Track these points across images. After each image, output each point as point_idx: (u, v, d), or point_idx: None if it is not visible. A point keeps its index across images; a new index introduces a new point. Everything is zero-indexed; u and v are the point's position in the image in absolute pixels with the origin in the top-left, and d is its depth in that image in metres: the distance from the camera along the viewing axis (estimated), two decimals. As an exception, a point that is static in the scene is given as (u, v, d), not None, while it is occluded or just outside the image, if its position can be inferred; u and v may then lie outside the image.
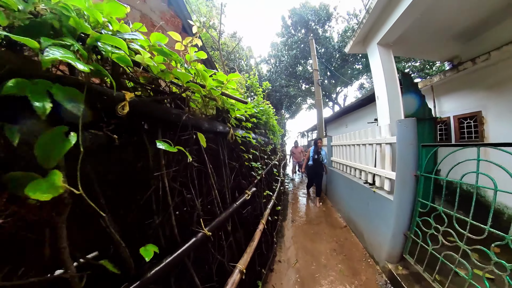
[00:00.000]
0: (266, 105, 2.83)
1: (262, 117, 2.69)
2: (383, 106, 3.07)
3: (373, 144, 2.99)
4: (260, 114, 2.68)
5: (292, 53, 13.31)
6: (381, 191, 2.72)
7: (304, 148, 10.64)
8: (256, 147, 2.62)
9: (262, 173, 2.54)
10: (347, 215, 3.81)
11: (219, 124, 1.50)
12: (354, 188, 3.52)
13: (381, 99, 3.13)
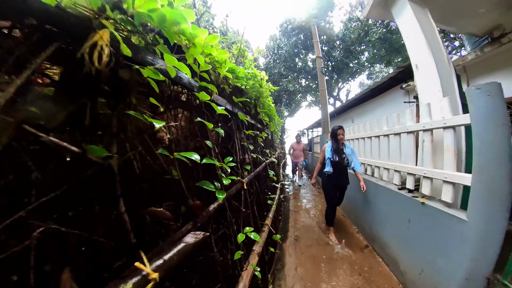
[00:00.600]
0: (257, 72, 1.91)
1: (249, 81, 1.76)
2: (427, 77, 2.12)
3: (414, 132, 2.04)
4: (245, 80, 1.74)
5: (291, 41, 12.34)
6: (436, 203, 1.76)
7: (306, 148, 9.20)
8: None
9: (245, 180, 1.60)
10: (368, 231, 2.85)
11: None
12: (380, 195, 2.56)
13: (422, 69, 2.18)
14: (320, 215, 3.78)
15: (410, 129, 2.04)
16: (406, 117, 2.10)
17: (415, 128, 1.99)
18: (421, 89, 2.16)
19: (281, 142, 10.29)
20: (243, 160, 1.73)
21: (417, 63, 2.20)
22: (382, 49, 10.59)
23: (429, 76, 2.07)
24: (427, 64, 2.11)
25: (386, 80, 5.28)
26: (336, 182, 2.78)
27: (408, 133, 2.08)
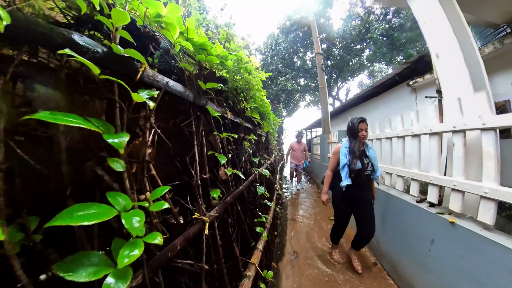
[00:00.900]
0: (243, 54, 1.51)
1: (228, 61, 1.32)
2: (451, 68, 1.74)
3: (439, 134, 1.67)
4: (223, 59, 1.35)
5: (290, 37, 11.93)
6: (470, 223, 1.40)
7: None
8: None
9: (209, 217, 1.03)
10: (376, 246, 2.48)
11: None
12: (392, 207, 2.20)
13: (445, 58, 1.81)
14: (323, 222, 3.40)
15: (434, 130, 1.67)
16: (429, 115, 1.73)
17: (441, 129, 1.61)
18: (444, 81, 1.79)
19: (279, 143, 9.81)
20: (216, 177, 1.32)
21: (438, 52, 1.83)
22: (384, 47, 10.25)
23: (454, 67, 1.70)
24: (451, 52, 1.73)
25: (391, 77, 4.93)
26: (355, 198, 2.03)
27: (431, 134, 1.71)
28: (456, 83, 1.68)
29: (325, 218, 3.64)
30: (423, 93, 4.39)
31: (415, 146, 1.92)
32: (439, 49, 1.88)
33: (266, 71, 14.70)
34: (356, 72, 14.59)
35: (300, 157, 5.67)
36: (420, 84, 4.29)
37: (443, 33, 1.85)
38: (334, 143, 4.64)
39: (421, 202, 1.88)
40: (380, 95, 5.90)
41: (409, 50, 9.46)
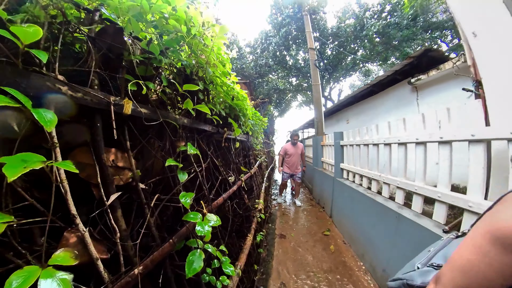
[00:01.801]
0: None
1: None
2: (499, 51, 1.25)
3: (487, 142, 1.19)
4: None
5: (282, 32, 11.40)
6: None
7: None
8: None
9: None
10: (381, 275, 1.98)
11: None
12: (404, 232, 1.70)
13: (487, 37, 1.31)
14: (316, 240, 2.87)
15: (478, 136, 1.17)
16: (468, 115, 1.23)
17: (489, 135, 1.12)
18: (489, 68, 1.30)
19: (268, 145, 9.21)
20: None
21: (475, 29, 1.34)
22: (379, 46, 9.99)
23: (505, 46, 1.21)
24: (498, 26, 1.24)
25: (390, 74, 4.53)
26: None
27: (471, 141, 1.21)
28: (510, 69, 1.19)
29: (318, 232, 3.14)
30: (426, 92, 4.01)
31: (444, 155, 1.42)
32: (477, 26, 1.38)
33: (255, 66, 14.16)
34: (350, 71, 14.34)
35: (296, 164, 4.39)
36: (423, 82, 3.90)
37: (485, 2, 1.35)
38: (329, 146, 4.17)
39: (449, 232, 1.40)
40: (378, 94, 5.51)
41: (405, 48, 9.23)
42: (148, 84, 0.88)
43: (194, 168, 1.19)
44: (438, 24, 9.51)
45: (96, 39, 0.78)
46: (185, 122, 1.16)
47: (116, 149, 0.85)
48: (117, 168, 0.84)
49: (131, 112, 0.80)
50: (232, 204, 1.72)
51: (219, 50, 1.36)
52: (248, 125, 2.42)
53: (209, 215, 0.97)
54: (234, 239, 1.57)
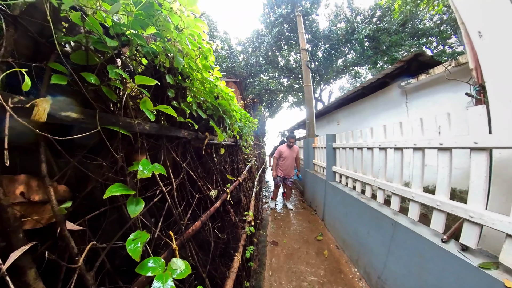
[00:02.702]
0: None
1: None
2: (505, 50, 1.21)
3: (488, 150, 1.14)
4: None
5: (274, 31, 11.32)
6: None
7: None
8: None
9: None
10: (377, 281, 1.93)
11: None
12: (400, 241, 1.64)
13: (493, 37, 1.27)
14: (309, 246, 2.79)
15: (481, 144, 1.11)
16: (470, 121, 1.18)
17: (490, 143, 1.06)
18: (494, 71, 1.26)
19: (259, 147, 9.05)
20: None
21: (481, 29, 1.29)
22: (369, 50, 10.22)
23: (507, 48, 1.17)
24: (506, 26, 1.20)
25: (380, 78, 4.58)
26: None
27: (474, 149, 1.16)
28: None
29: (310, 237, 3.06)
30: (415, 96, 4.08)
31: (443, 162, 1.37)
32: (485, 24, 1.33)
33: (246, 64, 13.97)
34: (340, 74, 14.59)
35: (290, 167, 4.13)
36: (413, 85, 3.97)
37: (492, 1, 1.31)
38: (320, 148, 4.12)
39: (448, 242, 1.35)
40: (368, 97, 5.57)
41: (394, 53, 9.52)
42: (86, 77, 0.63)
43: (161, 189, 0.92)
44: (424, 31, 9.91)
45: (18, 18, 0.56)
46: (146, 128, 0.87)
47: (29, 176, 0.58)
48: (32, 205, 0.57)
49: (49, 118, 0.54)
50: (214, 225, 1.46)
51: (200, 38, 1.14)
52: (235, 128, 2.20)
53: (174, 261, 0.70)
54: (218, 264, 1.35)
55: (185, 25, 0.98)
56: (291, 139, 4.09)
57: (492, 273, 1.06)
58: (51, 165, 0.63)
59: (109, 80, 0.72)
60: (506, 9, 1.19)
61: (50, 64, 0.60)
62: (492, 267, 1.09)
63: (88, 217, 0.68)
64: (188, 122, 1.13)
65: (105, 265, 0.70)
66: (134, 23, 0.79)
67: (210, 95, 1.37)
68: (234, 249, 1.53)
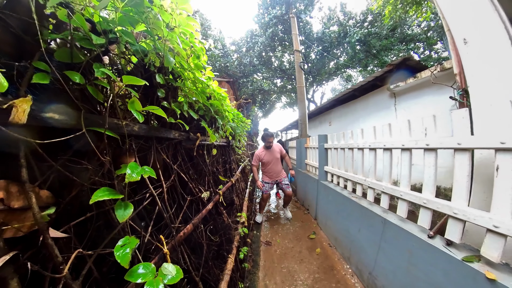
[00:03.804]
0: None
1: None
2: (489, 57, 1.27)
3: (471, 150, 1.20)
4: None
5: (268, 32, 11.39)
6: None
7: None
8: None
9: None
10: (368, 277, 1.98)
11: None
12: (390, 236, 1.70)
13: (477, 44, 1.33)
14: (303, 245, 2.82)
15: (464, 144, 1.17)
16: (454, 123, 1.23)
17: (473, 144, 1.12)
18: (477, 76, 1.32)
19: (252, 147, 9.03)
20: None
21: (466, 36, 1.36)
22: (360, 53, 10.50)
23: (495, 55, 1.23)
24: (490, 34, 1.26)
25: (370, 80, 4.70)
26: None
27: (457, 150, 1.22)
28: (499, 78, 1.22)
29: (303, 236, 3.10)
30: (403, 98, 4.23)
31: (429, 162, 1.43)
32: (468, 32, 1.40)
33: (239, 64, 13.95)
34: (332, 75, 14.86)
35: (279, 170, 3.56)
36: (401, 88, 4.11)
37: (477, 9, 1.37)
38: (313, 148, 4.18)
39: (434, 237, 1.41)
40: (359, 99, 5.71)
41: (383, 57, 9.85)
42: (70, 76, 0.59)
43: (151, 192, 0.90)
44: (412, 36, 10.30)
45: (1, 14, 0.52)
46: (135, 129, 0.85)
47: (9, 181, 0.55)
48: (12, 212, 0.54)
49: (30, 119, 0.50)
50: (207, 228, 1.44)
51: (192, 37, 1.11)
52: (228, 129, 2.17)
53: (165, 266, 0.67)
54: (211, 266, 1.33)
55: (176, 23, 0.96)
56: (269, 138, 3.40)
57: (475, 265, 1.11)
58: (33, 170, 0.60)
59: (95, 79, 0.69)
60: (490, 18, 1.26)
61: (33, 63, 0.57)
62: (475, 260, 1.15)
63: (73, 223, 0.65)
64: (179, 123, 1.11)
65: (92, 273, 0.67)
66: (122, 19, 0.76)
67: (202, 95, 1.35)
68: (227, 251, 1.52)
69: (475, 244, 1.27)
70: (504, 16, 1.26)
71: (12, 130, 0.48)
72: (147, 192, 0.90)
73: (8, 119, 0.47)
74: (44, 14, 0.65)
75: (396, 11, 8.29)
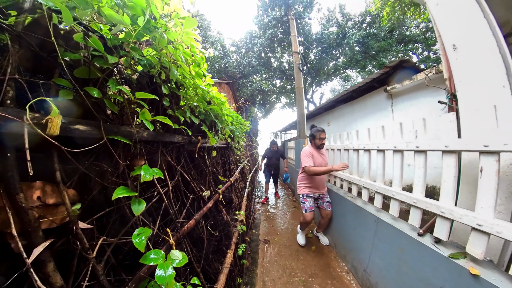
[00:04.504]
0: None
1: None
2: (477, 63, 1.34)
3: (458, 153, 1.27)
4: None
5: (268, 33, 11.47)
6: (502, 277, 0.98)
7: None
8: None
9: None
10: (362, 274, 2.05)
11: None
12: (382, 234, 1.77)
13: (468, 50, 1.40)
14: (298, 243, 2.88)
15: (451, 147, 1.24)
16: (443, 126, 1.30)
17: (459, 146, 1.19)
18: (464, 82, 1.39)
19: (251, 147, 9.11)
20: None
21: (455, 42, 1.43)
22: (358, 54, 10.60)
23: (482, 61, 1.30)
24: (478, 41, 1.33)
25: (368, 82, 4.78)
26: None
27: (445, 152, 1.29)
28: (484, 84, 1.29)
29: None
30: (400, 100, 4.31)
31: (419, 163, 1.50)
32: (458, 38, 1.46)
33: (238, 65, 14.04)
34: (331, 76, 14.94)
35: (324, 181, 2.74)
36: (397, 90, 4.18)
37: (467, 16, 1.44)
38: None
39: (424, 235, 1.48)
40: (357, 100, 5.79)
41: (381, 59, 9.94)
42: (90, 91, 0.68)
43: (158, 190, 1.00)
44: (411, 37, 10.39)
45: (22, 34, 0.58)
46: (144, 135, 0.94)
47: (44, 182, 0.64)
48: (47, 207, 0.64)
49: (61, 131, 0.59)
50: (207, 223, 1.55)
51: (193, 48, 1.20)
52: (227, 132, 2.25)
53: (173, 252, 0.79)
54: (212, 260, 1.43)
55: (179, 39, 1.04)
56: (321, 133, 2.60)
57: (460, 262, 1.18)
58: (60, 172, 0.68)
59: (112, 94, 0.79)
60: (479, 25, 1.32)
61: (55, 80, 0.65)
62: (461, 256, 1.22)
63: (96, 216, 0.75)
64: (182, 128, 1.19)
65: (110, 260, 0.76)
66: (129, 35, 0.84)
67: (202, 101, 1.43)
68: (226, 247, 1.61)
69: (462, 242, 1.34)
70: (494, 22, 1.33)
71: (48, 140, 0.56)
72: (155, 190, 0.99)
73: (45, 131, 0.56)
74: (59, 32, 0.71)
75: (394, 12, 8.37)
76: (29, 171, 0.53)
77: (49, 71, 0.68)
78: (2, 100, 0.53)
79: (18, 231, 0.55)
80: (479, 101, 1.27)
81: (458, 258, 1.22)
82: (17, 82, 0.58)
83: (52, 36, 0.59)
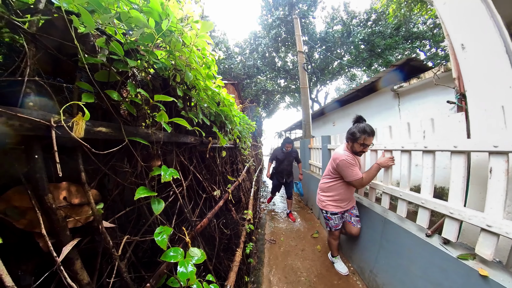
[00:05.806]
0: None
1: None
2: (485, 62, 1.33)
3: (467, 153, 1.27)
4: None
5: (272, 33, 11.48)
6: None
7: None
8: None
9: None
10: (369, 275, 2.05)
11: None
12: (389, 235, 1.77)
13: (474, 49, 1.39)
14: (306, 243, 2.90)
15: (460, 147, 1.24)
16: (451, 126, 1.30)
17: (469, 147, 1.19)
18: (473, 81, 1.38)
19: (256, 147, 9.11)
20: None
21: (463, 41, 1.42)
22: (364, 52, 10.46)
23: (489, 61, 1.29)
24: (485, 41, 1.32)
25: (374, 81, 4.73)
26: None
27: (454, 152, 1.29)
28: (493, 84, 1.28)
29: (307, 235, 3.18)
30: (407, 99, 4.25)
31: (427, 163, 1.49)
32: (466, 38, 1.45)
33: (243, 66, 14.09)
34: (336, 75, 14.81)
35: (352, 194, 2.21)
36: (405, 89, 4.13)
37: (473, 15, 1.42)
38: (316, 149, 4.24)
39: (432, 236, 1.47)
40: (363, 99, 5.74)
41: (388, 56, 9.79)
42: (110, 94, 0.71)
43: (174, 190, 1.04)
44: (418, 34, 10.19)
45: (37, 36, 0.59)
46: (160, 137, 0.97)
47: (69, 182, 0.67)
48: (73, 207, 0.66)
49: (85, 133, 0.61)
50: (219, 222, 1.59)
51: (204, 50, 1.22)
52: (235, 133, 2.29)
53: (192, 249, 0.83)
54: (222, 258, 1.48)
55: (193, 43, 1.07)
56: (370, 138, 1.92)
57: (469, 263, 1.18)
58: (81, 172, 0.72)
59: (131, 97, 0.81)
60: (486, 24, 1.31)
61: (77, 83, 0.68)
62: (470, 257, 1.22)
63: (118, 215, 0.79)
64: (195, 130, 1.23)
65: (130, 257, 0.80)
66: (145, 39, 0.87)
67: (213, 102, 1.47)
68: (235, 245, 1.65)
69: (471, 243, 1.34)
70: (500, 22, 1.32)
71: (71, 142, 0.60)
72: (171, 190, 1.03)
73: (71, 133, 0.58)
74: (77, 35, 0.75)
75: (401, 9, 8.22)
76: (58, 173, 0.56)
77: (68, 74, 0.70)
78: (23, 102, 0.54)
79: (46, 231, 0.57)
80: (488, 101, 1.26)
81: (467, 259, 1.22)
82: (37, 85, 0.59)
83: (75, 40, 0.61)
